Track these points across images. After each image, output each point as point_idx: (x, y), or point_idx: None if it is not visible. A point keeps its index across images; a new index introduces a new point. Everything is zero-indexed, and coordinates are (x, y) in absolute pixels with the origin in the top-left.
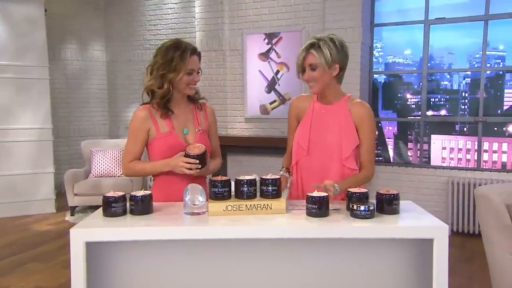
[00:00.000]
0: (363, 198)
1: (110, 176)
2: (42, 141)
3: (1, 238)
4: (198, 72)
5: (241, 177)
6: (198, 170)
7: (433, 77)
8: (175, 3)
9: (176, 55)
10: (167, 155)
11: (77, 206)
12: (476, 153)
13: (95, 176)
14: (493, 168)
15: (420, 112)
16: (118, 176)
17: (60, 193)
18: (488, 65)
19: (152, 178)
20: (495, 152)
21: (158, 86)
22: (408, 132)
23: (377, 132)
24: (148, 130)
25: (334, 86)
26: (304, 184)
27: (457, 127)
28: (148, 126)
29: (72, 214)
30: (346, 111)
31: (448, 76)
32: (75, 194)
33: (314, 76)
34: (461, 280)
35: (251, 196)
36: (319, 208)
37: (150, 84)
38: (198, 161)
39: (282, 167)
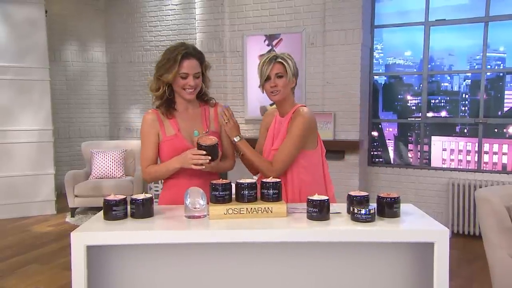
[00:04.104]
0: (363, 201)
1: (110, 178)
2: (42, 143)
3: (1, 240)
4: (198, 77)
5: (241, 180)
6: (208, 164)
7: (434, 79)
8: (176, 5)
9: (170, 57)
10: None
11: (78, 208)
12: (476, 154)
13: (96, 178)
14: (494, 169)
15: (420, 114)
16: (119, 178)
17: (60, 195)
18: (489, 66)
19: (162, 181)
20: (495, 153)
21: (155, 89)
22: (409, 134)
23: (377, 133)
24: (157, 133)
25: (290, 98)
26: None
27: (457, 129)
28: (156, 129)
29: (72, 216)
30: (286, 124)
31: (449, 78)
32: (76, 196)
33: (280, 84)
34: (461, 282)
35: (252, 199)
36: (319, 211)
37: (150, 86)
38: (206, 153)
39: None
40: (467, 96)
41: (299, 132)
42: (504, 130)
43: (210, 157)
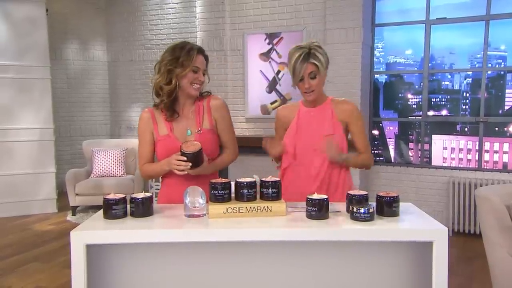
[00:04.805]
0: (363, 200)
1: (111, 176)
2: (43, 141)
3: (2, 238)
4: (204, 74)
5: (241, 179)
6: (190, 170)
7: (434, 77)
8: (176, 3)
9: (183, 52)
10: (167, 157)
11: (79, 206)
12: (477, 153)
13: (97, 176)
14: (494, 168)
15: (421, 112)
16: (120, 176)
17: (61, 193)
18: (489, 65)
19: (161, 180)
20: (496, 152)
21: (166, 82)
22: (409, 132)
23: (377, 132)
24: (151, 131)
25: (322, 90)
26: (292, 187)
27: (458, 127)
28: (150, 127)
29: (73, 214)
30: (330, 112)
31: (449, 76)
32: (77, 194)
33: (314, 85)
34: (461, 280)
35: (251, 198)
36: (319, 210)
37: (158, 81)
38: (187, 159)
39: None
40: (467, 94)
41: (361, 116)
42: (505, 128)
43: (191, 164)
